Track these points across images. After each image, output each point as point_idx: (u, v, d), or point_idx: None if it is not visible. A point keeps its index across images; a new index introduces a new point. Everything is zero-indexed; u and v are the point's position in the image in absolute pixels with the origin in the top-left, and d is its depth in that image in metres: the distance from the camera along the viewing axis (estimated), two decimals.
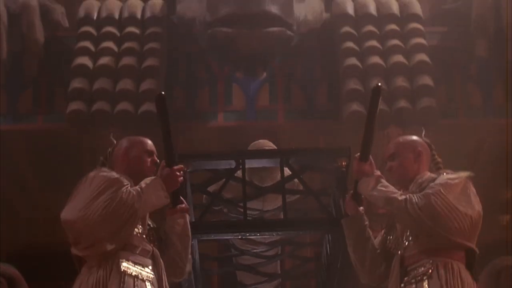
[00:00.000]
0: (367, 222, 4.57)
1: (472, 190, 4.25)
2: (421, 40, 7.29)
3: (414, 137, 4.59)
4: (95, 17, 7.50)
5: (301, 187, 5.77)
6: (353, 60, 7.16)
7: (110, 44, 7.28)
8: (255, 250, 6.47)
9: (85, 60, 7.16)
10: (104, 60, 7.16)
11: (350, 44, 7.26)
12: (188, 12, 7.38)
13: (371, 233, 4.59)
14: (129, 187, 4.13)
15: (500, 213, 7.78)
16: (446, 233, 4.03)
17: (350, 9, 7.46)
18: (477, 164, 7.42)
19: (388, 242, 4.46)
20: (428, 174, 4.39)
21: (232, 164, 5.34)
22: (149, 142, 4.51)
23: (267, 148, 6.15)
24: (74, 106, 6.97)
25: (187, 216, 4.54)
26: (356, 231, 4.54)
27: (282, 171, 5.32)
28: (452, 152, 7.14)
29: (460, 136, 7.24)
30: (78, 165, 6.66)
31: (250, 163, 5.48)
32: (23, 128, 7.31)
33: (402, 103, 7.00)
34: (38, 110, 7.37)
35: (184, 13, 7.46)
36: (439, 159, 4.60)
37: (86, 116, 6.96)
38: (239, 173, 5.50)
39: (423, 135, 4.67)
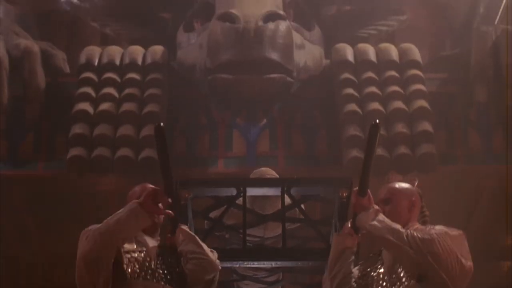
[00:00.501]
0: (355, 249, 4.50)
1: (467, 245, 4.22)
2: (420, 86, 7.32)
3: (410, 186, 4.57)
4: (96, 63, 7.54)
5: (302, 215, 5.71)
6: (353, 106, 7.19)
7: (111, 90, 7.32)
8: (256, 276, 6.39)
9: (86, 106, 7.19)
10: (104, 106, 7.19)
11: (350, 90, 7.29)
12: (189, 58, 7.44)
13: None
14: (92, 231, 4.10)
15: (500, 259, 7.75)
16: (443, 273, 4.00)
17: (350, 56, 7.50)
18: (477, 210, 7.42)
19: (368, 278, 4.41)
20: (417, 225, 4.37)
21: (233, 191, 5.26)
22: (150, 187, 4.43)
23: (268, 176, 6.11)
24: (75, 151, 6.98)
25: (183, 227, 4.52)
26: (342, 249, 4.49)
27: (282, 200, 5.22)
28: (452, 198, 7.19)
29: (460, 182, 7.24)
30: (78, 211, 6.66)
31: (252, 191, 5.41)
32: (23, 174, 7.31)
33: (402, 149, 7.02)
34: (38, 156, 7.37)
35: (184, 59, 7.52)
36: (427, 213, 4.58)
37: (86, 162, 6.97)
38: (240, 200, 5.41)
39: (415, 184, 4.67)
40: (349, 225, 4.43)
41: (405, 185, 4.53)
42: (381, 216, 4.23)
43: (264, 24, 6.81)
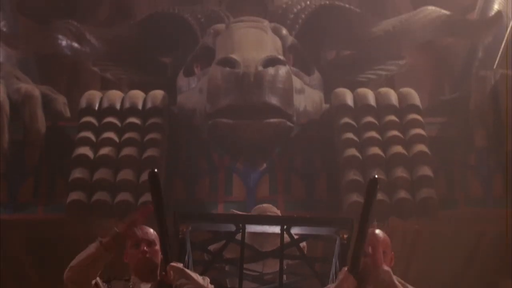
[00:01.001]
0: None
1: None
2: (420, 131, 7.33)
3: None
4: (96, 107, 7.56)
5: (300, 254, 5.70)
6: (352, 151, 7.19)
7: (111, 134, 7.32)
8: None
9: (86, 150, 7.19)
10: (105, 150, 7.20)
11: (349, 135, 7.30)
12: (189, 103, 7.46)
13: None
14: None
15: None
16: None
17: (350, 100, 7.52)
18: (477, 255, 7.40)
19: None
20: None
21: (233, 227, 5.27)
22: (138, 232, 4.62)
23: (269, 213, 6.07)
24: (74, 196, 6.98)
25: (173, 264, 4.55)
26: None
27: (282, 239, 5.20)
28: (452, 243, 7.17)
29: (460, 227, 7.23)
30: (77, 255, 6.62)
31: (251, 228, 5.39)
32: (23, 218, 7.29)
33: (402, 194, 7.01)
34: (38, 200, 7.37)
35: (184, 104, 7.54)
36: None
37: (86, 206, 6.96)
38: (240, 235, 5.43)
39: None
40: (346, 269, 4.45)
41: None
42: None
43: (264, 69, 6.84)
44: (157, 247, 4.62)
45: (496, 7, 8.51)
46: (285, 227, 5.17)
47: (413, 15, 8.28)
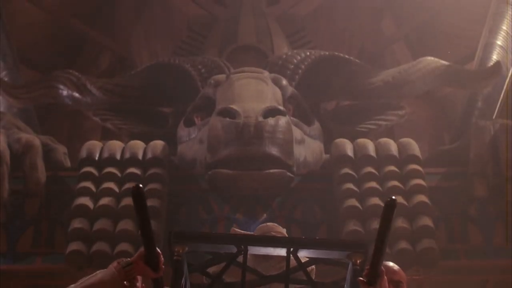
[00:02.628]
0: None
1: None
2: (420, 181, 7.32)
3: None
4: (96, 158, 7.55)
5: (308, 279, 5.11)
6: (353, 201, 7.18)
7: (111, 184, 7.31)
8: None
9: (85, 201, 7.18)
10: (104, 200, 7.18)
11: (349, 185, 7.29)
12: (189, 153, 7.48)
13: None
14: None
15: None
16: None
17: (350, 151, 7.52)
18: None
19: None
20: None
21: (233, 248, 4.78)
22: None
23: (274, 234, 5.58)
24: (74, 246, 6.94)
25: None
26: None
27: (288, 262, 4.72)
28: None
29: (462, 277, 7.20)
30: None
31: (254, 250, 4.89)
32: (22, 268, 7.26)
33: (403, 245, 6.98)
34: (37, 250, 7.33)
35: (185, 154, 7.56)
36: None
37: (85, 256, 6.93)
38: (241, 258, 4.94)
39: None
40: None
41: None
42: None
43: (264, 120, 6.86)
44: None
45: (495, 57, 8.56)
46: (291, 249, 4.70)
47: (412, 65, 8.32)
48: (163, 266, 4.00)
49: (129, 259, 3.98)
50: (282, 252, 4.72)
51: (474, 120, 8.02)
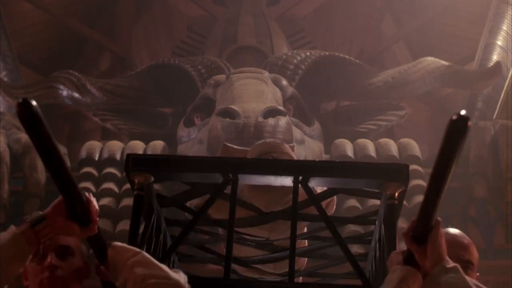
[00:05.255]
0: None
1: None
2: (420, 182, 7.32)
3: None
4: (96, 158, 7.56)
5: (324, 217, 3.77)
6: (353, 202, 7.18)
7: (111, 185, 7.32)
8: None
9: None
10: (104, 201, 7.18)
11: None
12: (189, 153, 7.44)
13: None
14: None
15: None
16: None
17: (350, 151, 7.52)
18: None
19: None
20: None
21: (219, 177, 3.56)
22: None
23: (276, 155, 4.15)
24: None
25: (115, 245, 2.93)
26: None
27: (295, 195, 3.50)
28: None
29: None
30: None
31: (248, 179, 3.67)
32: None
33: (403, 245, 6.95)
34: None
35: (185, 154, 7.54)
36: None
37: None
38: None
39: None
40: (400, 257, 2.86)
41: None
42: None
43: (264, 120, 6.84)
44: (77, 259, 3.32)
45: (495, 57, 8.55)
46: (300, 178, 3.50)
47: (412, 66, 8.30)
48: (97, 218, 2.77)
49: (41, 212, 2.75)
50: (287, 181, 3.53)
51: (474, 121, 8.00)
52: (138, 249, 2.86)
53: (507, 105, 7.92)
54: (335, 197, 4.13)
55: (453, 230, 3.38)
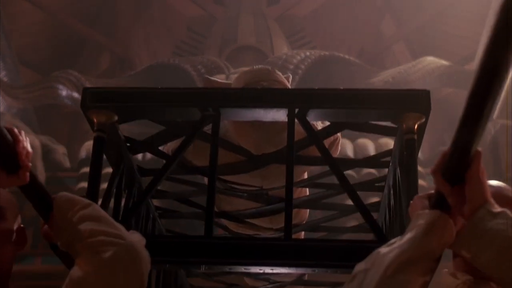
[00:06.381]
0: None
1: None
2: (421, 182, 7.27)
3: None
4: None
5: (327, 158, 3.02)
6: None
7: None
8: None
9: None
10: None
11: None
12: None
13: None
14: None
15: None
16: None
17: (350, 151, 7.52)
18: None
19: None
20: None
21: (197, 113, 2.91)
22: None
23: (266, 84, 3.32)
24: None
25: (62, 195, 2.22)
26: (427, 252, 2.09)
27: (291, 133, 2.80)
28: None
29: None
30: None
31: (232, 114, 3.01)
32: (20, 269, 7.23)
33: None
34: (36, 251, 7.32)
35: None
36: None
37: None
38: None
39: None
40: (426, 202, 1.99)
41: None
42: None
43: None
44: (8, 222, 2.20)
45: None
46: (296, 110, 2.86)
47: (412, 65, 8.31)
48: (30, 163, 1.98)
49: None
50: (281, 115, 2.89)
51: None
52: (88, 201, 2.18)
53: (507, 105, 7.91)
54: (339, 135, 3.52)
55: (495, 182, 2.51)
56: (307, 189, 3.77)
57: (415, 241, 1.87)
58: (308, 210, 3.91)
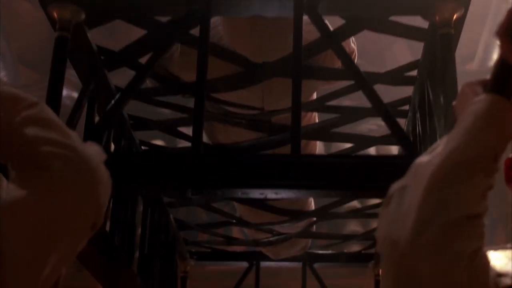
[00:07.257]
0: None
1: None
2: None
3: None
4: None
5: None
6: (354, 203, 7.18)
7: None
8: None
9: None
10: None
11: None
12: None
13: None
14: None
15: None
16: None
17: None
18: None
19: None
20: None
21: (181, 10, 2.49)
22: None
23: None
24: None
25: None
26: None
27: (298, 25, 2.29)
28: None
29: None
30: None
31: (225, 10, 2.49)
32: None
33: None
34: None
35: None
36: None
37: None
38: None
39: None
40: (480, 88, 1.53)
41: None
42: None
43: None
44: None
45: (495, 57, 8.53)
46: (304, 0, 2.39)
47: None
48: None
49: None
50: (285, 10, 2.37)
51: None
52: (35, 99, 1.69)
53: None
54: (355, 49, 2.72)
55: None
56: (316, 115, 3.19)
57: (468, 135, 1.39)
58: (317, 143, 3.38)
